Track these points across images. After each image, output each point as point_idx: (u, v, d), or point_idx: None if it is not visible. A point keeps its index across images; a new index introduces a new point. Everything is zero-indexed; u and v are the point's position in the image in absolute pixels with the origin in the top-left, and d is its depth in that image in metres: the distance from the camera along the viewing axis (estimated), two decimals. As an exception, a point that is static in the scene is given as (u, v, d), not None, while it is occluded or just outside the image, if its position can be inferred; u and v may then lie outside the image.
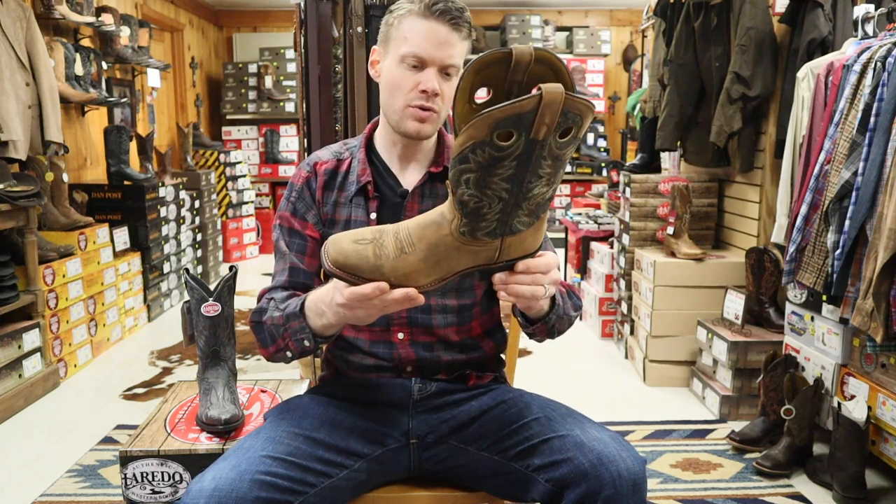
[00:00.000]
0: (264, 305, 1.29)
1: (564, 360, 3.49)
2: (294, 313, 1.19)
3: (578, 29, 6.59)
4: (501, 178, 0.91)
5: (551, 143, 0.89)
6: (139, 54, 4.70)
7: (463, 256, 0.99)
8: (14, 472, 2.39)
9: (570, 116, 0.87)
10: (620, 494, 1.09)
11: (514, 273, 1.05)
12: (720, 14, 3.01)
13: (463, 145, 0.90)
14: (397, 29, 1.27)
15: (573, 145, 0.92)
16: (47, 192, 3.40)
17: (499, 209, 0.94)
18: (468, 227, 0.97)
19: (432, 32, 1.23)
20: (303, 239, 1.34)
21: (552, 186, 0.96)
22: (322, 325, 1.16)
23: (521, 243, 1.01)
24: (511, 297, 1.07)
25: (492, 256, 1.01)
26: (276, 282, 1.34)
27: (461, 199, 0.95)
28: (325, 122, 2.75)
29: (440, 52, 1.24)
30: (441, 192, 1.34)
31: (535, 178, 0.92)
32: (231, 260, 5.92)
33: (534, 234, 1.02)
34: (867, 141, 2.02)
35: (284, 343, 1.23)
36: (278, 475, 1.12)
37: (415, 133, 1.28)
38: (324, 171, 1.36)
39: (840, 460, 2.14)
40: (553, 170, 0.93)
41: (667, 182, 3.42)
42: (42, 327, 3.07)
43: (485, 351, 1.40)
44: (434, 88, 1.24)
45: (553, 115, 0.86)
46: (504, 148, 0.88)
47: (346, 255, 1.00)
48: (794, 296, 2.56)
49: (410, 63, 1.25)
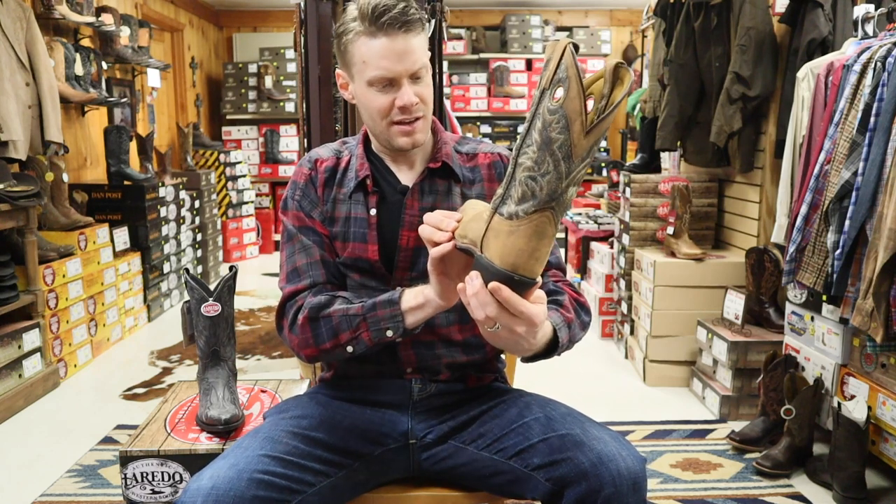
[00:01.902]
0: (323, 301, 1.25)
1: (564, 360, 3.47)
2: (388, 300, 1.18)
3: (578, 29, 6.59)
4: (522, 130, 0.94)
5: (546, 100, 0.89)
6: (139, 54, 4.70)
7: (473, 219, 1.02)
8: (14, 472, 2.39)
9: (561, 69, 0.88)
10: (620, 493, 1.09)
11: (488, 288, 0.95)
12: (720, 14, 3.01)
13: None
14: (353, 54, 1.25)
15: (559, 120, 0.88)
16: (47, 192, 3.40)
17: (510, 171, 0.95)
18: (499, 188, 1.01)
19: (389, 49, 1.20)
20: (317, 235, 1.33)
21: (537, 169, 0.90)
22: (418, 319, 1.17)
23: (496, 237, 0.94)
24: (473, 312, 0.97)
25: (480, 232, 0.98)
26: (309, 278, 1.30)
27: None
28: (325, 122, 2.75)
29: (404, 63, 1.22)
30: (440, 188, 1.34)
31: (529, 139, 0.92)
32: (231, 260, 5.92)
33: (506, 237, 0.94)
34: (867, 141, 2.02)
35: (355, 335, 1.20)
36: (276, 474, 1.12)
37: (409, 147, 1.28)
38: (324, 168, 1.36)
39: (840, 460, 2.14)
40: (539, 139, 0.90)
41: (667, 182, 3.42)
42: (42, 327, 3.07)
43: (486, 351, 1.40)
44: (411, 101, 1.23)
45: (555, 60, 0.88)
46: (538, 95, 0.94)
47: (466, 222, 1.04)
48: (794, 296, 2.56)
49: (380, 86, 1.23)
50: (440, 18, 2.79)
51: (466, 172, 1.37)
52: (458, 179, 1.35)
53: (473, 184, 1.37)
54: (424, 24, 1.26)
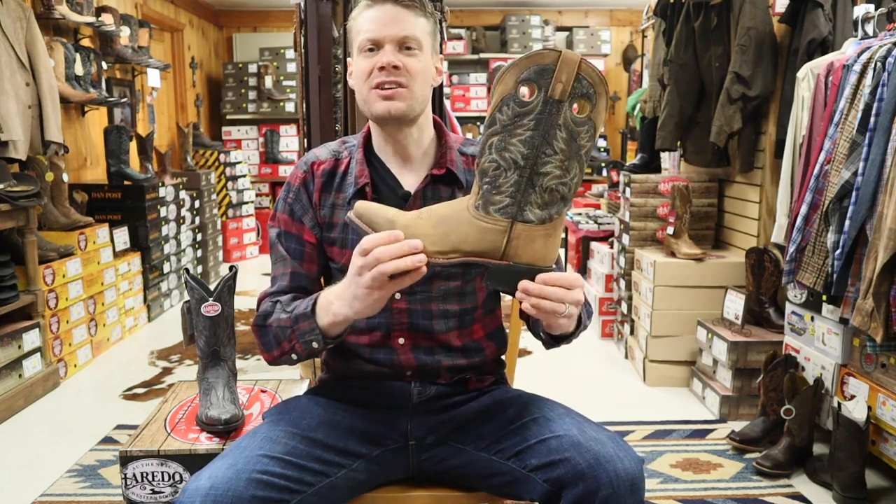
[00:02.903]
0: (268, 308, 1.27)
1: (564, 360, 3.49)
2: (304, 314, 1.18)
3: (578, 29, 6.59)
4: (520, 140, 1.00)
5: (566, 112, 0.98)
6: (139, 54, 4.70)
7: (472, 233, 1.03)
8: (14, 472, 2.39)
9: (585, 84, 0.97)
10: (618, 494, 1.09)
11: (536, 283, 1.04)
12: (720, 14, 3.01)
13: (494, 106, 1.00)
14: (352, 30, 1.29)
15: (588, 129, 0.99)
16: (47, 192, 3.40)
17: (514, 180, 1.01)
18: (483, 198, 1.03)
19: (380, 14, 1.24)
20: (300, 244, 1.32)
21: (566, 175, 1.01)
22: (329, 322, 1.15)
23: (531, 242, 1.03)
24: (532, 310, 1.05)
25: (499, 245, 1.03)
26: (277, 286, 1.32)
27: (482, 168, 1.03)
28: (325, 122, 2.75)
29: (391, 29, 1.23)
30: (443, 194, 1.31)
31: (551, 150, 0.99)
32: (231, 260, 5.92)
33: (545, 240, 1.03)
34: (867, 141, 2.02)
35: (291, 346, 1.21)
36: (275, 474, 1.12)
37: (385, 112, 1.25)
38: (321, 172, 1.33)
39: (840, 460, 2.14)
40: (567, 149, 0.99)
41: (667, 182, 3.42)
42: (42, 327, 3.07)
43: (486, 354, 1.39)
44: (390, 60, 1.23)
45: (570, 74, 0.96)
46: (525, 103, 0.98)
47: (367, 207, 1.09)
48: (794, 296, 2.56)
49: (366, 49, 1.25)
50: (440, 18, 2.79)
51: (470, 177, 1.34)
52: (461, 185, 1.33)
53: None
54: (426, 12, 1.28)
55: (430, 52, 1.29)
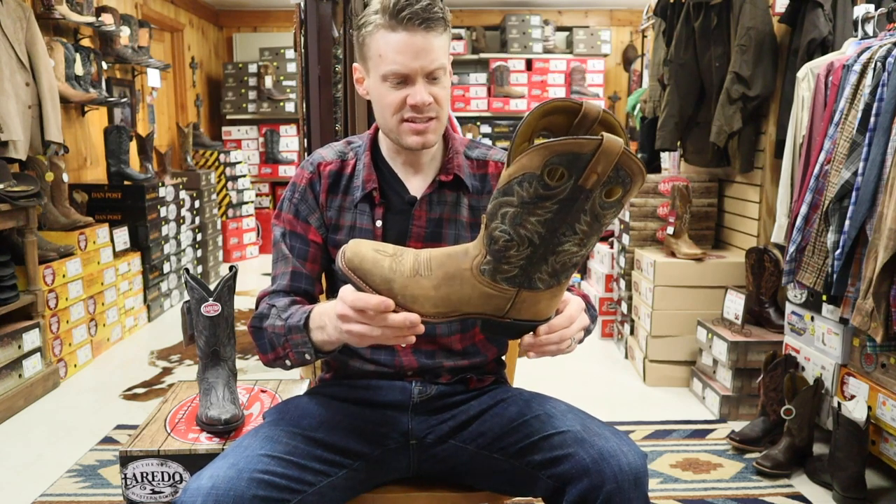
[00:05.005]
0: (265, 311, 1.26)
1: (564, 360, 3.49)
2: (297, 326, 1.17)
3: (578, 29, 6.59)
4: (539, 221, 0.90)
5: (596, 197, 0.88)
6: (139, 54, 4.70)
7: (475, 297, 0.98)
8: (14, 472, 2.39)
9: (622, 174, 0.86)
10: (622, 489, 1.09)
11: (538, 335, 1.03)
12: (720, 14, 3.01)
13: (512, 176, 0.88)
14: (370, 47, 1.22)
15: (615, 211, 0.91)
16: (47, 192, 3.40)
17: (526, 255, 0.93)
18: (490, 265, 0.95)
19: (406, 44, 1.17)
20: (304, 244, 1.32)
21: (583, 249, 0.94)
22: (322, 339, 1.14)
23: (535, 304, 0.99)
24: (535, 356, 1.07)
25: (502, 307, 0.99)
26: (277, 285, 1.32)
27: (492, 234, 0.93)
28: (325, 122, 2.75)
29: (420, 61, 1.18)
30: (449, 199, 1.31)
31: (570, 232, 0.91)
32: (231, 260, 5.92)
33: (550, 299, 1.00)
34: (867, 141, 2.02)
35: (284, 352, 1.21)
36: (276, 474, 1.12)
37: (418, 146, 1.25)
38: (328, 173, 1.32)
39: (840, 460, 2.14)
40: (589, 230, 0.91)
41: (667, 182, 3.42)
42: (42, 327, 3.07)
43: (487, 356, 1.39)
44: (423, 101, 1.20)
45: (607, 164, 0.85)
46: (551, 187, 0.87)
47: (362, 258, 1.00)
48: (794, 296, 2.56)
49: (394, 81, 1.21)
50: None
51: (476, 182, 1.34)
52: (467, 190, 1.33)
53: (482, 194, 1.34)
54: (448, 25, 1.23)
55: (449, 68, 1.27)
